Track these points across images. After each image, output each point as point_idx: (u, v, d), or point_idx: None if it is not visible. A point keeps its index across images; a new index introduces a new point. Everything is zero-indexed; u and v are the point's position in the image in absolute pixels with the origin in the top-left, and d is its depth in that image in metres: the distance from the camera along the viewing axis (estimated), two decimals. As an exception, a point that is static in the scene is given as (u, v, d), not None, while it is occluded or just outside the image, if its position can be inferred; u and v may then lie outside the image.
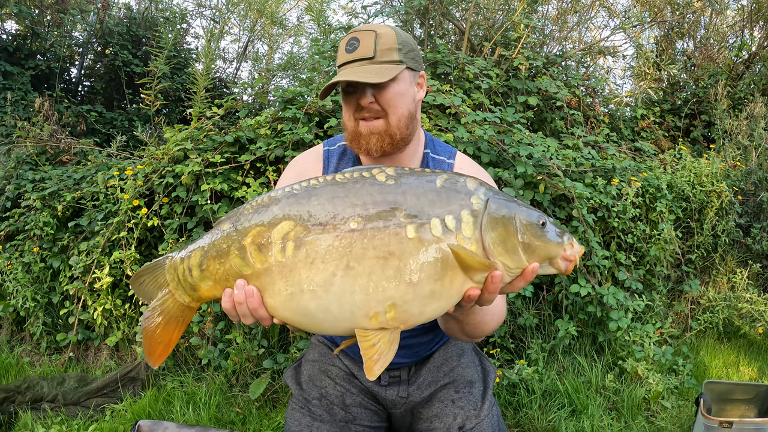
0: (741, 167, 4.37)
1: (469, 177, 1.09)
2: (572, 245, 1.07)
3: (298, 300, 1.01)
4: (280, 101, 3.47)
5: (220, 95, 6.08)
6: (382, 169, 1.08)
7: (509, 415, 2.77)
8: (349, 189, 1.04)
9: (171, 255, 1.15)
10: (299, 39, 8.07)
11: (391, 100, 1.36)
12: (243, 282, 1.05)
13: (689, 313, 3.65)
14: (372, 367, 1.00)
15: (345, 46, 1.37)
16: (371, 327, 1.01)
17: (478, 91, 3.65)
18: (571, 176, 3.34)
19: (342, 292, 0.99)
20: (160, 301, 1.15)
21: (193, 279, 1.11)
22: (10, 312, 3.47)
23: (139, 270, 1.18)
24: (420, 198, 1.02)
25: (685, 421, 2.75)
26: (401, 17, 4.79)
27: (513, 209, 1.05)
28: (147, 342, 1.15)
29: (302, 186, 1.07)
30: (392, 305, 0.99)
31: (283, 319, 1.06)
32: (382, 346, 1.01)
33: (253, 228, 1.04)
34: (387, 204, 1.01)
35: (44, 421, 2.67)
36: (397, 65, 1.35)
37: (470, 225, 1.01)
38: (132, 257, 3.04)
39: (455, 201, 1.03)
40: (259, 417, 2.71)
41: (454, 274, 1.00)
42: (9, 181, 3.97)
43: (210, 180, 3.00)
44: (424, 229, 0.99)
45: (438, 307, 1.03)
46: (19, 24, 6.19)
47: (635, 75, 5.91)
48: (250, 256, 1.04)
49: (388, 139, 1.38)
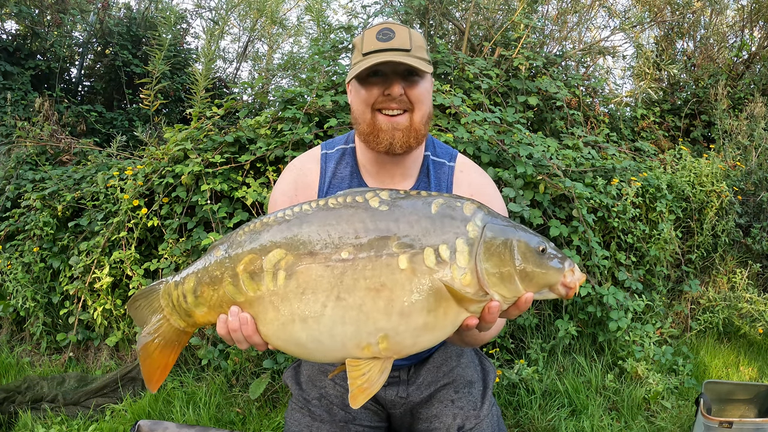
0: (741, 167, 4.37)
1: (466, 201, 1.06)
2: (573, 272, 1.04)
3: (290, 330, 1.00)
4: (280, 101, 3.47)
5: (220, 95, 6.08)
6: (376, 194, 1.04)
7: (509, 415, 2.77)
8: (341, 216, 1.01)
9: (166, 280, 1.15)
10: (299, 39, 8.07)
11: (420, 95, 1.34)
12: (237, 309, 1.04)
13: (689, 313, 3.65)
14: (358, 396, 0.99)
15: (377, 35, 1.32)
16: (363, 356, 1.00)
17: (478, 91, 3.64)
18: (571, 176, 3.34)
19: (333, 323, 0.97)
20: (156, 326, 1.14)
21: (188, 305, 1.10)
22: (10, 312, 3.47)
23: (134, 294, 1.19)
24: (413, 226, 0.99)
25: (685, 421, 2.75)
26: (401, 17, 4.79)
27: (511, 235, 1.01)
28: (145, 367, 1.15)
29: (294, 212, 1.05)
30: (384, 336, 0.98)
31: (276, 347, 1.05)
32: (372, 375, 1.00)
33: (245, 255, 1.03)
34: (379, 232, 0.98)
35: (44, 421, 2.67)
36: (428, 64, 1.35)
37: (465, 255, 0.98)
38: (132, 257, 3.04)
39: (450, 229, 1.00)
40: (259, 417, 2.71)
41: (448, 305, 0.98)
42: (9, 181, 3.97)
43: (210, 180, 3.00)
44: (417, 260, 0.97)
45: (432, 337, 1.01)
46: (19, 24, 6.18)
47: (635, 75, 5.90)
48: (242, 283, 1.03)
49: (414, 134, 1.35)
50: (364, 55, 1.33)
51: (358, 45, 1.36)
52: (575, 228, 3.11)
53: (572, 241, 3.09)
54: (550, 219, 3.11)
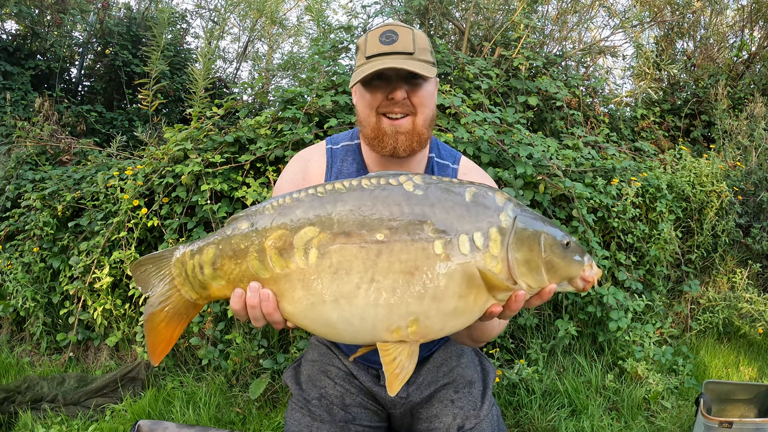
0: (741, 167, 4.37)
1: (497, 191, 1.07)
2: (592, 267, 1.06)
3: (320, 310, 0.99)
4: (280, 101, 3.47)
5: (220, 95, 6.08)
6: (410, 177, 1.04)
7: (509, 415, 2.77)
8: (377, 197, 1.00)
9: (178, 248, 1.11)
10: (299, 39, 8.07)
11: (424, 98, 1.34)
12: (257, 285, 1.02)
13: (689, 313, 3.65)
14: (393, 383, 0.99)
15: (379, 37, 1.31)
16: (391, 340, 1.00)
17: (478, 91, 3.64)
18: (571, 176, 3.34)
19: (365, 305, 0.97)
20: (165, 296, 1.10)
21: (204, 277, 1.07)
22: (10, 312, 3.47)
23: (141, 258, 1.13)
24: (449, 212, 0.99)
25: (685, 421, 2.75)
26: (401, 17, 4.79)
27: (539, 228, 1.03)
28: (150, 338, 1.11)
29: (327, 189, 1.03)
30: (414, 320, 0.98)
31: (302, 326, 1.04)
32: (402, 359, 1.00)
33: (275, 230, 1.01)
34: (415, 216, 0.98)
35: (44, 421, 2.67)
36: (432, 66, 1.34)
37: (498, 243, 0.99)
38: (132, 257, 3.04)
39: (484, 217, 1.00)
40: (259, 417, 2.71)
41: (479, 292, 0.99)
42: (9, 181, 3.97)
43: (210, 180, 3.00)
44: (452, 246, 0.97)
45: (459, 323, 1.01)
46: (19, 24, 6.18)
47: (635, 75, 5.91)
48: (269, 259, 1.00)
49: (417, 137, 1.35)
50: (367, 58, 1.32)
51: (362, 47, 1.35)
52: (575, 228, 3.11)
53: (572, 241, 3.09)
54: (550, 219, 3.11)
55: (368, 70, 1.28)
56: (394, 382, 0.99)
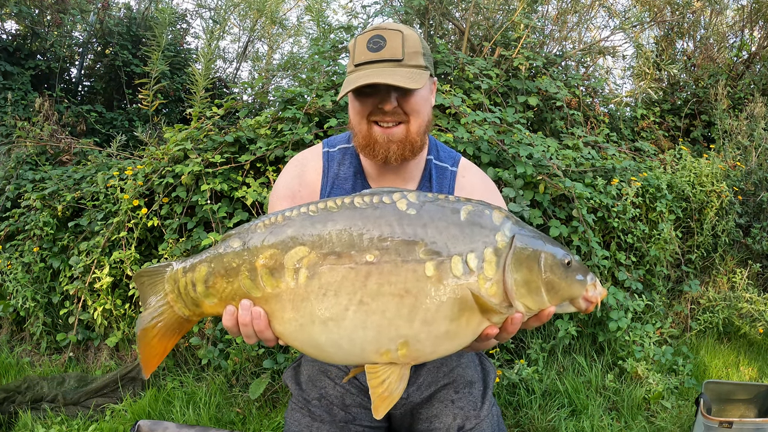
0: (741, 167, 4.37)
1: (495, 209, 1.04)
2: (595, 286, 1.03)
3: (309, 331, 0.98)
4: (280, 101, 3.47)
5: (220, 95, 6.08)
6: (404, 195, 1.02)
7: (509, 415, 2.77)
8: (368, 217, 0.98)
9: (171, 264, 1.10)
10: (299, 39, 8.07)
11: (416, 105, 1.30)
12: (249, 303, 1.01)
13: (689, 313, 3.65)
14: (380, 406, 0.98)
15: (367, 44, 1.27)
16: (381, 362, 0.98)
17: (478, 91, 3.64)
18: (571, 176, 3.34)
19: (354, 327, 0.95)
20: (158, 311, 1.10)
21: (197, 294, 1.06)
22: (10, 312, 3.47)
23: (141, 270, 1.14)
24: (442, 232, 0.97)
25: (685, 421, 2.75)
26: (401, 17, 4.79)
27: (539, 247, 1.01)
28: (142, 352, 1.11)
29: (319, 208, 1.02)
30: (404, 343, 0.96)
31: (292, 347, 1.04)
32: (392, 382, 0.98)
33: (266, 249, 1.00)
34: (406, 237, 0.96)
35: (44, 421, 2.67)
36: (423, 71, 1.29)
37: (493, 265, 0.97)
38: (132, 257, 3.04)
39: (479, 237, 0.98)
40: (259, 417, 2.71)
41: (471, 314, 0.97)
42: (9, 181, 3.96)
43: (210, 180, 3.00)
44: (444, 268, 0.95)
45: (452, 346, 1.00)
46: (19, 24, 6.18)
47: (635, 75, 5.91)
48: (260, 279, 1.00)
49: (409, 146, 1.32)
50: (356, 66, 1.29)
51: (351, 52, 1.32)
52: (575, 228, 3.11)
53: (572, 241, 3.09)
54: (550, 219, 3.12)
55: (354, 82, 1.25)
56: (381, 406, 0.98)
